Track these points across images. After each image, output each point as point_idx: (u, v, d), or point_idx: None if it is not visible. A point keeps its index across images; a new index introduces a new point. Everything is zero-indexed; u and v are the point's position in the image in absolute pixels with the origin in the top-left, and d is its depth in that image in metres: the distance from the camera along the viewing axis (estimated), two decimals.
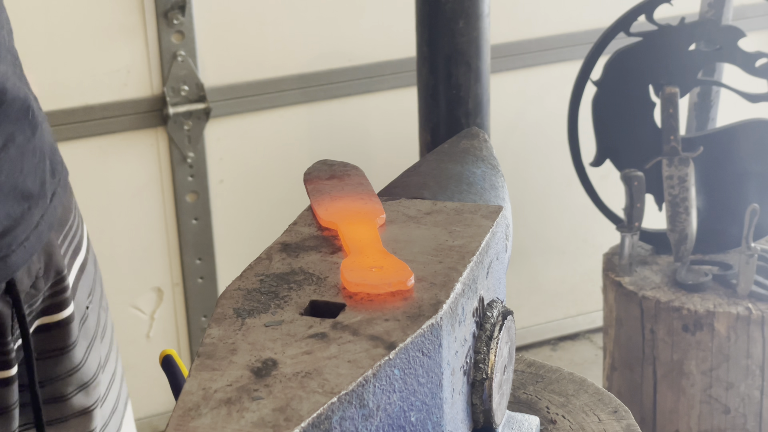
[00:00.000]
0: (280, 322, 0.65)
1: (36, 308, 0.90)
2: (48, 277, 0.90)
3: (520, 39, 2.80)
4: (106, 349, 1.02)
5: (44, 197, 0.88)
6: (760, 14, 2.97)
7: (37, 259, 0.88)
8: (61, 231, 0.94)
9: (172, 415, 0.57)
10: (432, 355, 0.64)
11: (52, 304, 0.91)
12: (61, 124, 2.41)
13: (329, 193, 0.82)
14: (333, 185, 0.84)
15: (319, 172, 0.87)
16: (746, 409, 2.20)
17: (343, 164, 0.88)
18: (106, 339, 1.02)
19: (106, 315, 1.03)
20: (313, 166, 0.89)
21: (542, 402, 0.89)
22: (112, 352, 1.04)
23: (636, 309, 2.25)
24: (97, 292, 1.01)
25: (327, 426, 0.57)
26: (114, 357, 1.04)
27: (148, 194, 2.55)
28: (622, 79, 2.26)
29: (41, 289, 0.89)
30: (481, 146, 0.94)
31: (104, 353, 1.01)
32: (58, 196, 0.92)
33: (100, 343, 1.00)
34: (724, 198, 2.30)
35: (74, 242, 0.96)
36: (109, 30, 2.40)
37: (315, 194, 0.82)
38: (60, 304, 0.91)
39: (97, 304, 1.00)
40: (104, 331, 1.02)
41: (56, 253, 0.91)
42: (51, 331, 0.92)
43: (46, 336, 0.92)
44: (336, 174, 0.86)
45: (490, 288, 0.76)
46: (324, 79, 2.60)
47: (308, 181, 0.86)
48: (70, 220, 0.96)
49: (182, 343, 2.69)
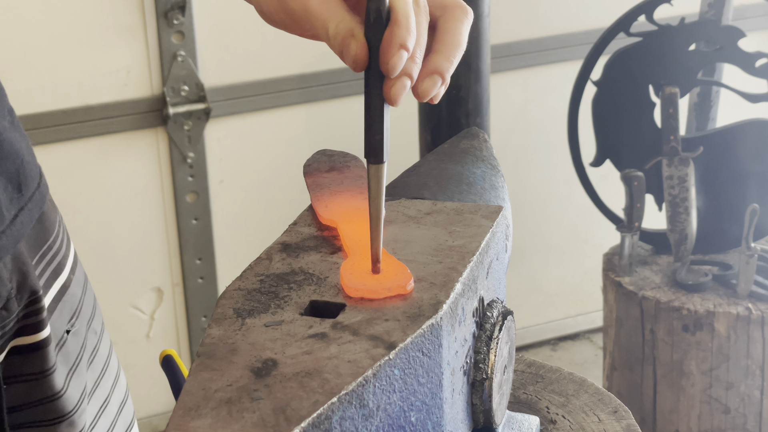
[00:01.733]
0: (280, 322, 0.65)
1: (9, 330, 0.85)
2: (21, 297, 0.85)
3: (520, 39, 2.80)
4: (95, 375, 0.97)
5: (0, 213, 0.83)
6: (760, 14, 2.97)
7: (9, 279, 0.84)
8: (38, 250, 0.89)
9: (172, 415, 0.57)
10: (432, 355, 0.64)
11: (26, 325, 0.86)
12: (61, 124, 2.41)
13: (329, 187, 0.82)
14: (332, 178, 0.83)
15: (318, 164, 0.87)
16: (746, 409, 2.20)
17: (343, 155, 0.88)
18: (95, 365, 0.97)
19: (98, 339, 0.98)
20: (313, 157, 0.88)
21: (542, 402, 0.89)
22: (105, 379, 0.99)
23: (636, 309, 2.25)
24: (85, 315, 0.96)
25: (327, 426, 0.57)
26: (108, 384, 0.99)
27: (148, 194, 2.55)
28: (622, 79, 2.26)
29: (13, 310, 0.84)
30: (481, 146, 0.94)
31: (92, 380, 0.96)
32: (28, 213, 0.86)
33: (86, 370, 0.95)
34: (724, 198, 2.30)
35: (54, 262, 0.92)
36: (109, 30, 2.40)
37: (314, 189, 0.82)
38: (36, 325, 0.87)
39: (83, 327, 0.95)
40: (93, 357, 0.96)
41: (30, 273, 0.86)
42: (26, 353, 0.87)
43: (22, 359, 0.87)
44: (336, 166, 0.86)
45: (490, 288, 0.76)
46: (324, 79, 2.60)
47: (308, 174, 0.85)
48: (50, 240, 0.91)
49: (182, 343, 2.69)
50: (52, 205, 0.94)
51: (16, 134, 0.88)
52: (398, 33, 0.67)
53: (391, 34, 0.67)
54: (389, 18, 0.67)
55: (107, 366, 1.00)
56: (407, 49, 0.67)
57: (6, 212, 0.84)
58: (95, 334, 0.98)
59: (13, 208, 0.85)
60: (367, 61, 0.68)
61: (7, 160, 0.85)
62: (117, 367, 1.03)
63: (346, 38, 0.68)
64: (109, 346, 1.02)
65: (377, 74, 0.68)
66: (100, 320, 1.00)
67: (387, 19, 0.67)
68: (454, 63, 0.70)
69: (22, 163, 0.87)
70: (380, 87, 0.68)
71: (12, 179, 0.86)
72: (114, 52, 2.42)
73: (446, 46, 0.70)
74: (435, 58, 0.70)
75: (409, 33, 0.67)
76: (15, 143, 0.87)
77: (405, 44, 0.67)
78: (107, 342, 1.01)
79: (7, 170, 0.85)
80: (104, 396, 0.98)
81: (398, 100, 0.68)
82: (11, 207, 0.85)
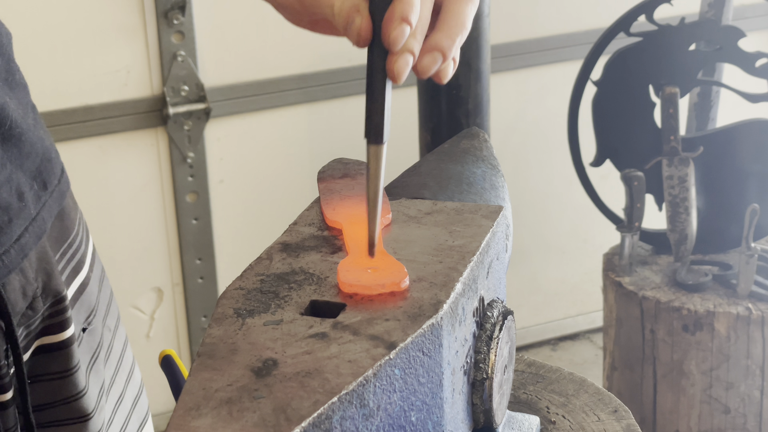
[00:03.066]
0: (281, 321, 0.65)
1: (34, 329, 0.86)
2: (47, 296, 0.86)
3: (520, 39, 2.80)
4: (111, 371, 0.98)
5: (26, 209, 0.84)
6: (760, 14, 2.97)
7: (34, 279, 0.84)
8: (59, 247, 0.90)
9: (173, 415, 0.57)
10: (432, 354, 0.64)
11: (52, 324, 0.87)
12: (61, 124, 2.41)
13: (339, 192, 0.82)
14: (344, 184, 0.84)
15: (333, 171, 0.87)
16: (746, 409, 2.20)
17: (358, 163, 0.88)
18: (111, 362, 0.98)
19: (112, 335, 0.99)
20: (328, 164, 0.89)
21: (542, 402, 0.89)
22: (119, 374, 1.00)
23: (636, 309, 2.25)
24: (101, 312, 0.96)
25: (327, 426, 0.57)
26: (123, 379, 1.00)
27: (148, 194, 2.55)
28: (622, 79, 2.26)
29: (39, 309, 0.85)
30: (481, 146, 0.94)
31: (108, 376, 0.97)
32: (48, 209, 0.87)
33: (103, 366, 0.95)
34: (724, 198, 2.30)
35: (75, 259, 0.93)
36: (109, 30, 2.40)
37: (325, 193, 0.82)
38: (61, 324, 0.88)
39: (99, 325, 0.96)
40: (109, 353, 0.97)
41: (55, 273, 0.87)
42: (52, 352, 0.88)
43: (47, 358, 0.88)
44: (349, 173, 0.86)
45: (490, 288, 0.76)
46: (324, 79, 2.60)
47: (321, 180, 0.85)
48: (70, 237, 0.92)
49: (182, 343, 2.69)
50: (72, 202, 0.95)
51: (39, 131, 0.89)
52: (400, 7, 0.67)
53: (394, 8, 0.67)
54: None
55: (122, 361, 1.01)
56: (409, 23, 0.67)
57: (33, 209, 0.85)
58: (109, 330, 0.98)
59: (40, 204, 0.86)
60: (371, 36, 0.68)
61: (31, 157, 0.86)
62: (132, 361, 1.04)
63: (351, 13, 0.68)
64: (124, 340, 1.03)
65: (380, 52, 0.68)
66: (114, 315, 1.01)
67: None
68: (456, 42, 0.70)
69: (45, 160, 0.88)
70: (383, 65, 0.68)
71: (37, 177, 0.87)
72: (114, 52, 2.42)
73: (448, 25, 0.70)
74: (436, 35, 0.70)
75: (411, 7, 0.67)
76: (39, 141, 0.88)
77: (407, 17, 0.67)
78: (122, 336, 1.02)
79: (32, 167, 0.86)
80: (119, 391, 1.00)
81: (401, 77, 0.68)
82: (38, 203, 0.86)
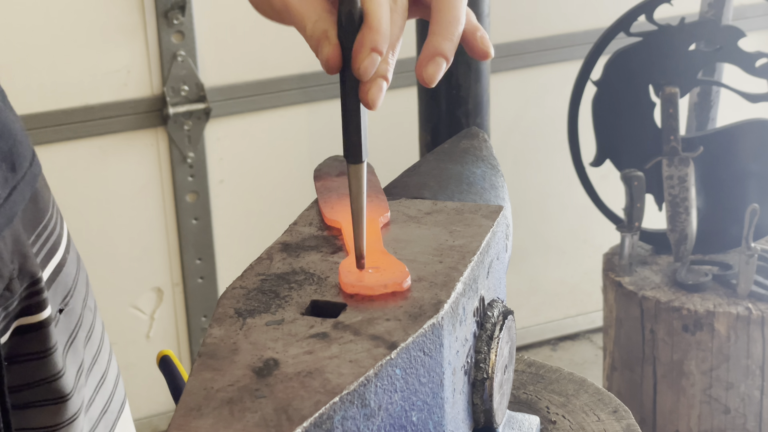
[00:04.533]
0: (282, 321, 0.65)
1: (12, 310, 0.86)
2: (23, 278, 0.86)
3: (520, 39, 2.80)
4: (93, 351, 0.98)
5: None
6: (760, 14, 2.98)
7: (10, 260, 0.84)
8: (34, 230, 0.90)
9: (174, 415, 0.57)
10: (433, 354, 0.64)
11: (29, 305, 0.87)
12: (61, 124, 2.41)
13: (336, 191, 0.82)
14: (341, 182, 0.83)
15: (329, 169, 0.87)
16: (746, 409, 2.20)
17: None
18: (93, 342, 0.98)
19: (93, 316, 0.99)
20: (324, 162, 0.89)
21: (542, 402, 0.89)
22: (101, 354, 1.00)
23: (636, 309, 2.25)
24: (80, 292, 0.97)
25: (329, 426, 0.57)
26: (105, 359, 1.01)
27: (148, 194, 2.55)
28: (622, 79, 2.26)
29: (16, 290, 0.86)
30: (481, 146, 0.94)
31: (89, 356, 0.97)
32: (20, 192, 0.87)
33: (83, 347, 0.96)
34: (724, 198, 2.30)
35: (50, 242, 0.93)
36: (109, 30, 2.41)
37: (323, 192, 0.82)
38: (38, 305, 0.88)
39: (79, 305, 0.96)
40: (90, 333, 0.98)
41: (30, 256, 0.87)
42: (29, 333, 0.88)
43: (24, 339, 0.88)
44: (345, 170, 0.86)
45: (490, 288, 0.76)
46: (324, 79, 2.60)
47: (318, 178, 0.85)
48: (45, 219, 0.92)
49: (182, 343, 2.69)
50: (44, 184, 0.95)
51: (9, 114, 0.89)
52: (369, 36, 0.65)
53: (363, 38, 0.65)
54: (362, 19, 0.65)
55: (102, 343, 1.01)
56: (379, 52, 0.65)
57: (2, 190, 0.84)
58: (90, 311, 0.98)
59: (8, 186, 0.86)
60: (341, 64, 0.66)
61: (0, 140, 0.86)
62: (109, 344, 1.04)
63: (321, 39, 0.66)
64: (102, 324, 1.03)
65: (352, 77, 0.66)
66: (93, 298, 1.01)
67: (360, 21, 0.65)
68: (454, 41, 0.69)
69: (15, 142, 0.88)
70: (356, 89, 0.66)
71: (6, 158, 0.86)
72: (114, 52, 2.42)
73: (444, 26, 0.69)
74: (434, 39, 0.68)
75: (380, 35, 0.65)
76: (8, 123, 0.88)
77: (377, 47, 0.65)
78: (100, 320, 1.02)
79: (1, 150, 0.86)
80: (101, 372, 0.99)
81: (376, 104, 0.67)
82: (6, 186, 0.85)
